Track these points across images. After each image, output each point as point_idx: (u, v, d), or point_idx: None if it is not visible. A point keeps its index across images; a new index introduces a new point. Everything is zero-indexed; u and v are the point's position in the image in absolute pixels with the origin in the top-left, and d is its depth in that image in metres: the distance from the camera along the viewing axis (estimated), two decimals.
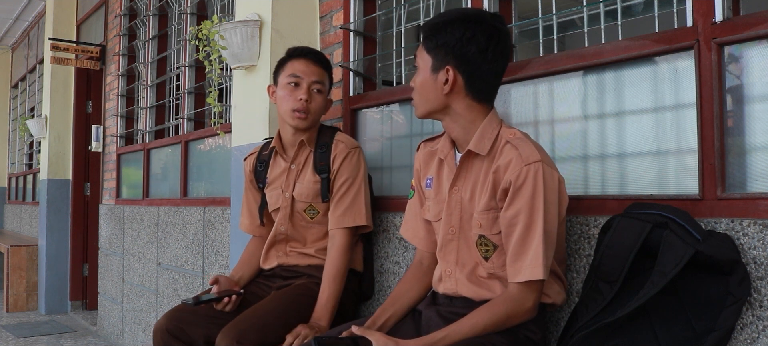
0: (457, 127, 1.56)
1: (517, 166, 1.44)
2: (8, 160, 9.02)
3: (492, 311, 1.45)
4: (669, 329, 1.35)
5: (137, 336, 4.12)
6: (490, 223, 1.51)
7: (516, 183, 1.43)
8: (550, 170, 1.44)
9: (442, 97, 1.53)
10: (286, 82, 2.09)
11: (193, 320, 2.05)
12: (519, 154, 1.45)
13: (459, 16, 1.52)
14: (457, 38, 1.48)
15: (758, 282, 1.31)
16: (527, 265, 1.41)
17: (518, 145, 1.47)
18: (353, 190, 2.08)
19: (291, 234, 2.16)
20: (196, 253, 3.36)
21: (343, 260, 2.03)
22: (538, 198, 1.41)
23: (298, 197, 2.13)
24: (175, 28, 3.95)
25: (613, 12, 1.70)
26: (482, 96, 1.53)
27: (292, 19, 2.56)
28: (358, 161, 2.11)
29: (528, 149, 1.45)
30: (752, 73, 1.41)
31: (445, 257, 1.62)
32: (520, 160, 1.44)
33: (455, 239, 1.59)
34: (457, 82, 1.51)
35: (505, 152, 1.48)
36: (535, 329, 1.52)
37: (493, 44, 1.48)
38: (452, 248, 1.60)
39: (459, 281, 1.58)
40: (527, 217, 1.42)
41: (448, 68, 1.50)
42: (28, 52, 7.95)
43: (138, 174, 4.36)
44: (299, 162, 2.14)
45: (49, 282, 5.77)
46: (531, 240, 1.41)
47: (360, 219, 2.07)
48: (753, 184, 1.40)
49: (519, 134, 1.51)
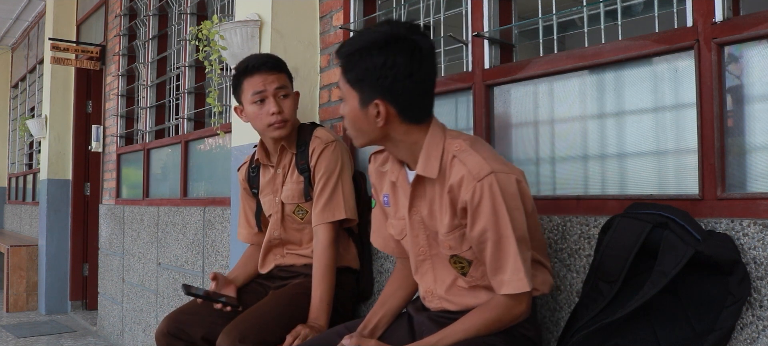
0: (401, 151, 1.50)
1: (470, 185, 1.37)
2: (8, 160, 9.01)
3: (484, 316, 1.43)
4: (669, 329, 1.35)
5: (137, 336, 4.11)
6: (458, 242, 1.46)
7: (473, 203, 1.37)
8: (504, 177, 1.38)
9: (378, 130, 1.45)
10: (252, 101, 2.07)
11: (192, 320, 2.06)
12: (468, 171, 1.38)
13: (374, 40, 1.40)
14: (378, 68, 1.39)
15: (758, 282, 1.31)
16: (509, 278, 1.37)
17: (466, 160, 1.40)
18: (331, 184, 2.05)
19: (285, 238, 2.17)
20: (196, 253, 3.37)
21: (328, 256, 2.01)
22: (501, 211, 1.36)
23: (285, 199, 2.13)
24: (175, 28, 3.95)
25: (613, 12, 1.70)
26: (419, 117, 1.46)
27: (292, 19, 2.56)
28: (334, 155, 2.07)
29: (476, 163, 1.38)
30: (752, 73, 1.41)
31: (422, 278, 1.58)
32: (471, 178, 1.37)
33: (428, 259, 1.55)
34: (390, 114, 1.43)
35: (455, 169, 1.41)
36: (529, 325, 1.51)
37: (417, 63, 1.40)
38: (427, 268, 1.56)
39: (443, 299, 1.55)
40: (495, 233, 1.37)
41: (376, 102, 1.41)
42: (28, 52, 7.94)
43: (138, 174, 4.36)
44: (284, 165, 2.15)
45: (49, 282, 5.77)
46: (506, 253, 1.37)
47: (340, 212, 2.03)
48: (753, 184, 1.40)
49: (464, 145, 1.43)
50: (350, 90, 1.45)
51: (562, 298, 1.69)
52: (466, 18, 2.06)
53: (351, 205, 2.07)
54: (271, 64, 2.11)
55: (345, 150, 2.13)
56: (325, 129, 2.16)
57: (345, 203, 2.05)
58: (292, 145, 2.13)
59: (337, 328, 1.74)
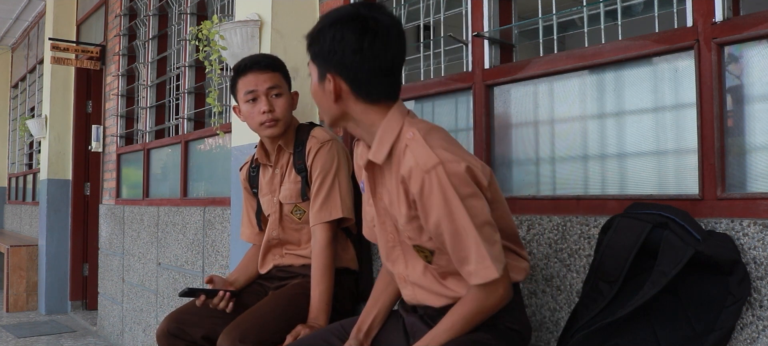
0: (362, 132, 1.49)
1: (418, 177, 1.35)
2: (8, 160, 9.02)
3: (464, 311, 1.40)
4: (669, 329, 1.35)
5: (137, 336, 4.11)
6: (417, 233, 1.44)
7: (422, 196, 1.35)
8: (452, 165, 1.34)
9: (335, 106, 1.45)
10: (245, 100, 2.10)
11: (192, 320, 2.06)
12: (416, 162, 1.36)
13: (331, 19, 1.44)
14: (329, 43, 1.41)
15: (758, 282, 1.31)
16: (475, 268, 1.34)
17: (415, 150, 1.37)
18: (328, 183, 2.04)
19: (283, 238, 2.17)
20: (196, 253, 3.37)
21: (326, 256, 2.00)
22: (453, 201, 1.32)
23: (283, 199, 2.13)
24: (175, 28, 3.95)
25: (613, 12, 1.70)
26: (374, 97, 1.44)
27: (292, 19, 2.56)
28: (330, 153, 2.06)
29: (424, 154, 1.35)
30: (752, 73, 1.41)
31: (394, 265, 1.57)
32: (418, 170, 1.35)
33: (398, 245, 1.54)
34: (341, 89, 1.43)
35: (406, 159, 1.39)
36: (514, 319, 1.48)
37: (369, 41, 1.39)
38: (398, 254, 1.55)
39: (415, 287, 1.53)
40: (450, 224, 1.33)
41: (328, 76, 1.43)
42: (28, 52, 7.95)
43: (138, 174, 4.36)
44: (281, 165, 2.15)
45: (49, 282, 5.77)
46: (466, 243, 1.33)
47: (336, 212, 2.02)
48: (753, 184, 1.40)
49: (417, 135, 1.40)
50: (312, 66, 1.48)
51: (562, 298, 1.69)
52: (466, 18, 2.06)
53: (348, 204, 2.06)
54: (264, 64, 2.12)
55: (342, 149, 2.12)
56: (322, 129, 2.16)
57: (342, 203, 2.04)
58: (289, 145, 2.13)
59: (333, 326, 1.74)
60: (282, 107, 2.10)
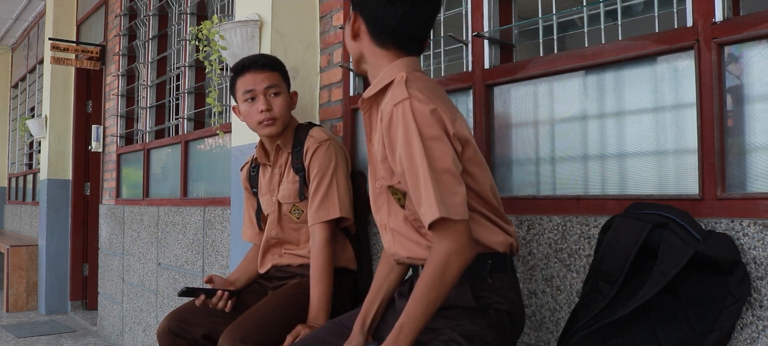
0: (372, 77, 1.55)
1: (388, 109, 1.39)
2: (8, 160, 9.02)
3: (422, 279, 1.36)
4: (669, 329, 1.35)
5: (137, 336, 4.12)
6: (389, 173, 1.46)
7: (389, 130, 1.38)
8: (419, 104, 1.35)
9: (353, 45, 1.54)
10: (243, 100, 2.12)
11: (193, 319, 2.07)
12: (391, 96, 1.40)
13: None
14: None
15: (758, 282, 1.31)
16: (425, 209, 1.32)
17: (394, 89, 1.42)
18: (325, 183, 2.05)
19: (282, 237, 2.17)
20: (196, 253, 3.37)
21: (325, 256, 2.00)
22: (412, 136, 1.33)
23: (281, 199, 2.13)
24: (175, 28, 3.95)
25: (613, 12, 1.70)
26: (385, 40, 1.49)
27: (292, 19, 2.56)
28: (328, 153, 2.07)
29: (399, 90, 1.40)
30: (752, 73, 1.41)
31: (378, 212, 1.58)
32: (390, 103, 1.39)
33: (384, 193, 1.54)
34: (360, 28, 1.51)
35: (386, 97, 1.44)
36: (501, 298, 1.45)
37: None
38: (382, 202, 1.55)
39: (395, 234, 1.53)
40: (408, 160, 1.34)
41: (353, 14, 1.51)
42: (28, 52, 7.95)
43: (138, 174, 4.36)
44: (280, 165, 2.15)
45: (49, 282, 5.77)
46: (418, 182, 1.33)
47: (334, 211, 2.03)
48: (753, 184, 1.40)
49: (403, 77, 1.44)
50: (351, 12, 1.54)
51: (562, 298, 1.69)
52: (466, 18, 2.06)
53: (346, 203, 2.06)
54: (262, 63, 2.13)
55: (340, 149, 2.12)
56: (320, 128, 2.16)
57: (340, 202, 2.04)
58: (288, 145, 2.13)
59: (331, 324, 1.73)
60: (280, 106, 2.10)
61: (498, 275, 1.47)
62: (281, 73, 2.16)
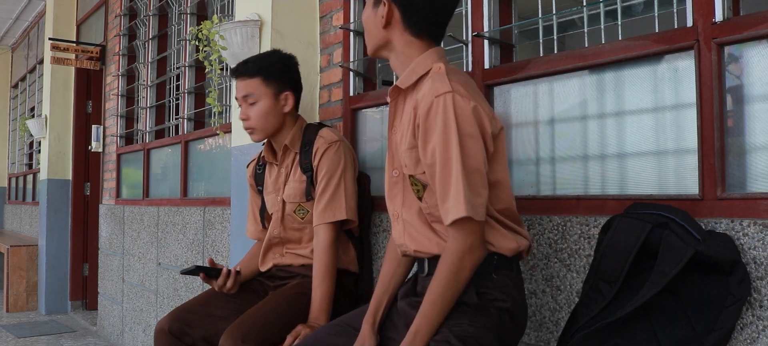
0: (398, 65, 1.54)
1: (428, 100, 1.38)
2: (8, 160, 9.02)
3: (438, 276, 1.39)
4: (669, 329, 1.35)
5: (137, 336, 4.12)
6: (414, 162, 1.45)
7: (427, 119, 1.37)
8: (462, 100, 1.36)
9: (382, 32, 1.51)
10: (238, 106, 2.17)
11: (194, 320, 2.07)
12: (431, 87, 1.40)
13: None
14: None
15: (758, 282, 1.31)
16: (451, 205, 1.34)
17: (434, 79, 1.41)
18: (333, 184, 2.04)
19: (284, 236, 2.17)
20: (196, 253, 3.37)
21: (328, 256, 2.00)
22: (450, 130, 1.34)
23: (287, 198, 2.13)
24: (175, 28, 3.95)
25: (613, 12, 1.70)
26: (420, 30, 1.49)
27: (292, 19, 2.56)
28: (337, 155, 2.07)
29: (440, 82, 1.39)
30: (752, 73, 1.41)
31: (392, 201, 1.58)
32: (430, 94, 1.38)
33: (400, 182, 1.54)
34: (393, 16, 1.49)
35: (424, 86, 1.44)
36: (505, 297, 1.46)
37: None
38: (398, 191, 1.55)
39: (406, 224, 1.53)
40: (442, 153, 1.34)
41: (384, 1, 1.49)
42: (28, 52, 7.95)
43: (138, 174, 4.36)
44: (287, 164, 2.15)
45: (49, 282, 5.77)
46: (449, 177, 1.34)
47: (340, 213, 2.03)
48: (753, 184, 1.40)
49: (442, 69, 1.45)
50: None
51: (562, 298, 1.69)
52: (466, 18, 2.06)
53: (352, 206, 2.07)
54: (241, 70, 2.13)
55: (348, 151, 2.12)
56: (330, 129, 2.16)
57: (346, 204, 2.04)
58: (295, 145, 2.13)
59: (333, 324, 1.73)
60: (256, 115, 2.10)
61: (503, 272, 1.48)
62: (263, 76, 2.10)
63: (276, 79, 2.12)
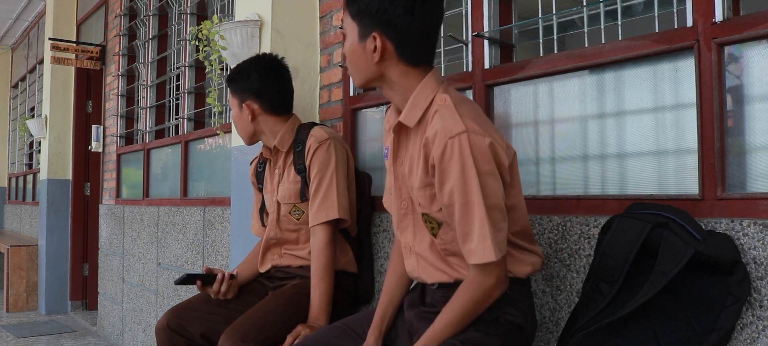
0: (395, 96, 1.47)
1: (442, 140, 1.33)
2: (8, 160, 9.02)
3: (459, 302, 1.39)
4: (669, 329, 1.35)
5: (137, 336, 4.12)
6: (428, 201, 1.42)
7: (442, 160, 1.33)
8: (477, 138, 1.32)
9: (374, 67, 1.43)
10: None
11: (192, 316, 2.07)
12: (442, 126, 1.34)
13: None
14: (380, 1, 1.38)
15: (758, 282, 1.31)
16: (476, 247, 1.32)
17: (444, 115, 1.36)
18: (325, 183, 2.03)
19: (281, 237, 2.16)
20: (196, 253, 3.37)
21: (325, 257, 1.99)
22: (469, 172, 1.31)
23: (281, 199, 2.13)
24: (175, 28, 3.95)
25: (613, 12, 1.70)
26: (416, 59, 1.43)
27: (292, 19, 2.56)
28: (327, 153, 2.05)
29: (452, 119, 1.34)
30: (752, 73, 1.41)
31: (402, 233, 1.55)
32: (443, 134, 1.33)
33: (410, 214, 1.51)
34: (386, 49, 1.41)
35: (433, 122, 1.38)
36: (516, 311, 1.46)
37: (420, 1, 1.37)
38: (408, 223, 1.53)
39: (419, 258, 1.52)
40: (462, 195, 1.32)
41: (374, 35, 1.40)
42: (28, 52, 7.95)
43: (138, 174, 4.36)
44: (280, 165, 2.15)
45: (49, 282, 5.77)
46: (472, 219, 1.32)
47: (333, 212, 2.01)
48: (753, 184, 1.40)
49: (449, 101, 1.39)
50: (351, 23, 1.44)
51: (562, 298, 1.69)
52: (466, 18, 2.06)
53: (344, 205, 2.04)
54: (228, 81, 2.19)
55: (341, 148, 2.10)
56: (321, 127, 2.14)
57: (338, 203, 2.02)
58: (284, 145, 2.12)
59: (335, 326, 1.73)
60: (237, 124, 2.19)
61: (515, 287, 1.47)
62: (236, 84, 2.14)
63: (234, 89, 2.16)
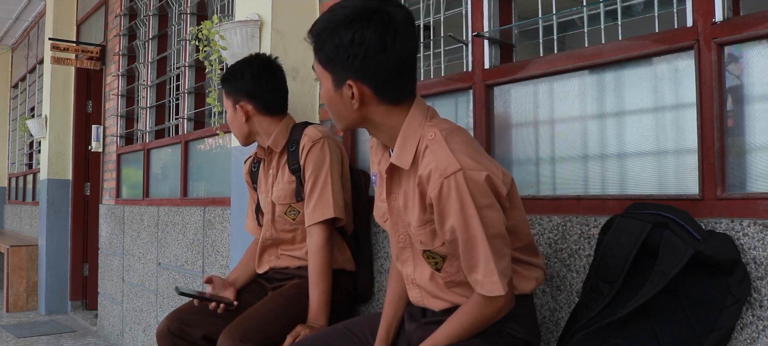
0: (382, 135, 1.42)
1: (437, 181, 1.29)
2: (8, 160, 9.02)
3: (464, 318, 1.39)
4: (669, 329, 1.35)
5: (137, 336, 4.12)
6: (429, 238, 1.40)
7: (439, 201, 1.30)
8: (473, 173, 1.29)
9: (355, 113, 1.37)
10: None
11: (193, 319, 2.07)
12: (436, 165, 1.30)
13: (343, 16, 1.31)
14: (347, 46, 1.30)
15: (758, 282, 1.31)
16: (482, 279, 1.32)
17: (436, 152, 1.32)
18: (320, 182, 2.02)
19: (276, 238, 2.16)
20: (196, 253, 3.37)
21: (322, 256, 1.99)
22: (469, 209, 1.28)
23: (276, 200, 2.12)
24: (175, 28, 3.95)
25: (613, 12, 1.70)
26: (397, 98, 1.37)
27: (292, 19, 2.56)
28: (321, 152, 2.04)
29: (445, 157, 1.30)
30: (752, 73, 1.41)
31: (403, 265, 1.54)
32: (438, 174, 1.29)
33: (409, 247, 1.50)
34: (365, 94, 1.34)
35: (426, 160, 1.33)
36: (518, 326, 1.46)
37: (391, 37, 1.30)
38: (408, 256, 1.52)
39: (423, 291, 1.52)
40: (464, 232, 1.30)
41: (349, 83, 1.33)
42: (28, 52, 7.95)
43: (138, 174, 4.36)
44: (275, 165, 2.14)
45: (49, 282, 5.77)
46: (476, 254, 1.31)
47: (328, 211, 2.00)
48: (753, 184, 1.40)
49: (438, 136, 1.34)
50: (323, 71, 1.37)
51: (562, 298, 1.69)
52: (466, 18, 2.06)
53: (340, 203, 2.03)
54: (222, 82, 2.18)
55: (335, 146, 2.09)
56: (315, 126, 2.13)
57: (334, 201, 2.01)
58: (278, 145, 2.11)
59: (336, 328, 1.73)
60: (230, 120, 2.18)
61: (520, 303, 1.46)
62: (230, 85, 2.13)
63: (228, 90, 2.16)
